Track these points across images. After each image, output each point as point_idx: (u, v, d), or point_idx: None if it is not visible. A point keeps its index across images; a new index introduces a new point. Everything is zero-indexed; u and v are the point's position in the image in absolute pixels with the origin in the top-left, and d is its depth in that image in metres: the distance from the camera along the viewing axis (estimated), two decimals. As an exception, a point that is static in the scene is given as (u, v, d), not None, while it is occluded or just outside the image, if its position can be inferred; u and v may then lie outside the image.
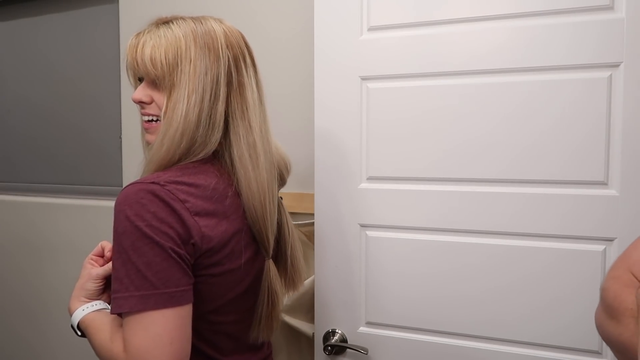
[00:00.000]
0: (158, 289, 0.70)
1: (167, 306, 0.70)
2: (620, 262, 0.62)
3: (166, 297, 0.70)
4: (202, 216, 0.76)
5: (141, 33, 0.83)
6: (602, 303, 0.61)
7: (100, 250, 0.91)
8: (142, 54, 0.80)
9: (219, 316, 0.84)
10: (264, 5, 1.41)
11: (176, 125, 0.78)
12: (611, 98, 0.96)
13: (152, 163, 0.80)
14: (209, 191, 0.78)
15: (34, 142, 1.94)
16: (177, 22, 0.82)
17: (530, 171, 1.02)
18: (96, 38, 1.78)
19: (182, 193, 0.75)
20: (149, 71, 0.80)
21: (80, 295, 0.85)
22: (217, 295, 0.82)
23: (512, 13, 1.02)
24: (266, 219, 0.85)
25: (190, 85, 0.78)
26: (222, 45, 0.82)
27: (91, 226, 1.75)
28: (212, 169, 0.82)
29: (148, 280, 0.70)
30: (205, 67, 0.80)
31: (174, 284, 0.71)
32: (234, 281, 0.83)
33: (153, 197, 0.72)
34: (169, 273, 0.71)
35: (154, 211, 0.71)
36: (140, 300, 0.69)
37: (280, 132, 1.36)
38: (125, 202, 0.72)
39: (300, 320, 1.31)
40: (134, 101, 0.84)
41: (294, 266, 0.97)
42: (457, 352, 1.10)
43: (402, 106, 1.11)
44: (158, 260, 0.70)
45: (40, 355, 1.89)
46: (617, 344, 0.57)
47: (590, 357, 1.01)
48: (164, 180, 0.74)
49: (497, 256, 1.05)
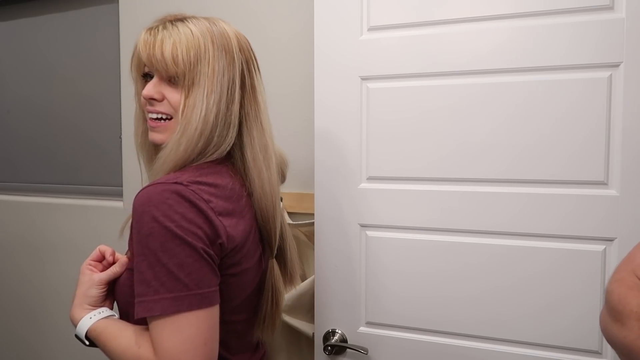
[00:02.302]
0: (192, 290, 0.69)
1: (200, 307, 0.69)
2: (624, 265, 0.62)
3: (200, 298, 0.70)
4: (224, 216, 0.76)
5: (155, 29, 0.80)
6: (607, 306, 0.61)
7: (98, 254, 0.88)
8: (163, 50, 0.78)
9: (232, 316, 0.84)
10: (264, 5, 1.41)
11: (195, 124, 0.77)
12: (611, 98, 0.96)
13: (168, 163, 0.79)
14: (227, 191, 0.79)
15: (34, 142, 1.94)
16: (192, 20, 0.81)
17: (530, 171, 1.02)
18: (96, 38, 1.78)
19: (205, 193, 0.74)
20: (169, 68, 0.78)
21: (83, 302, 0.82)
22: (234, 295, 0.82)
23: (512, 13, 1.02)
24: (276, 219, 0.86)
25: (209, 86, 0.78)
26: (236, 48, 0.83)
27: (91, 226, 1.75)
28: (225, 170, 0.82)
29: (181, 282, 0.69)
30: (223, 68, 0.80)
31: (206, 284, 0.71)
32: (248, 281, 0.84)
33: (179, 197, 0.71)
34: (202, 273, 0.70)
35: (182, 212, 0.70)
36: (173, 302, 0.68)
37: (281, 132, 1.36)
38: (149, 203, 0.70)
39: (300, 320, 1.31)
40: (144, 97, 0.81)
41: (292, 262, 0.99)
42: (457, 352, 1.10)
43: (402, 106, 1.11)
44: (190, 261, 0.69)
45: (40, 355, 1.89)
46: (621, 346, 0.57)
47: (590, 357, 1.01)
48: (186, 181, 0.73)
49: (497, 256, 1.05)
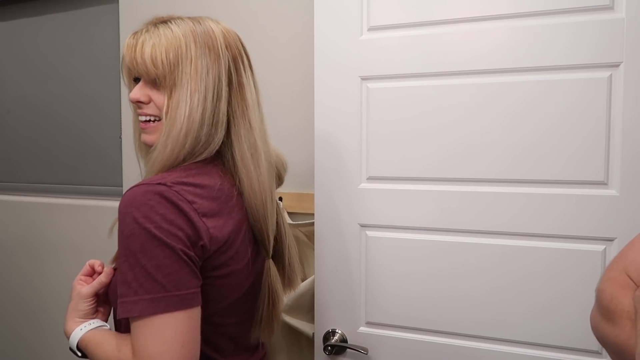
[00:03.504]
0: (169, 291, 0.69)
1: (178, 309, 0.69)
2: (615, 264, 0.62)
3: (177, 300, 0.69)
4: (209, 217, 0.75)
5: (139, 32, 0.81)
6: (598, 304, 0.61)
7: (88, 269, 0.89)
8: (142, 53, 0.78)
9: (222, 318, 0.84)
10: (264, 6, 1.41)
11: (180, 125, 0.77)
12: (611, 98, 0.96)
13: (156, 164, 0.79)
14: (214, 192, 0.78)
15: (34, 142, 1.94)
16: (176, 21, 0.81)
17: (530, 171, 1.02)
18: (96, 38, 1.78)
19: (189, 194, 0.74)
20: (149, 70, 0.79)
21: (74, 316, 0.84)
22: (222, 297, 0.81)
23: (512, 13, 1.02)
24: (267, 218, 0.85)
25: (193, 85, 0.78)
26: (222, 45, 0.82)
27: (91, 226, 1.75)
28: (215, 170, 0.81)
29: (159, 283, 0.69)
30: (207, 67, 0.79)
31: (184, 286, 0.70)
32: (238, 283, 0.83)
33: (161, 198, 0.71)
34: (180, 275, 0.70)
35: (163, 213, 0.70)
36: (151, 303, 0.68)
37: (281, 132, 1.36)
38: (131, 204, 0.71)
39: (300, 320, 1.30)
40: (131, 101, 0.83)
41: (291, 265, 0.97)
42: (457, 352, 1.10)
43: (402, 106, 1.11)
44: (169, 263, 0.69)
45: (40, 355, 1.89)
46: (613, 345, 0.57)
47: (590, 357, 1.01)
48: (170, 181, 0.73)
49: (497, 256, 1.05)
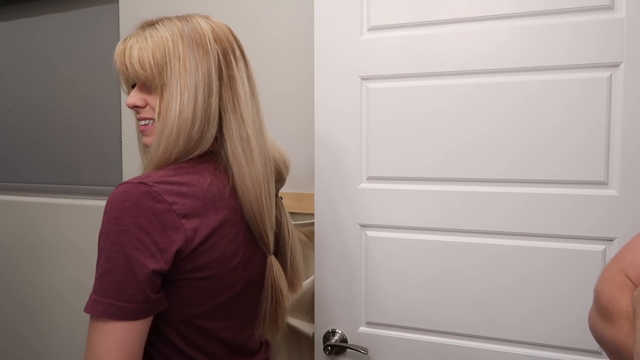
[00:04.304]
0: (109, 298, 0.69)
1: (112, 318, 0.69)
2: (613, 264, 0.62)
3: (115, 309, 0.69)
4: (190, 218, 0.74)
5: (128, 38, 0.81)
6: (596, 305, 0.61)
7: None
8: (130, 58, 0.78)
9: (207, 322, 0.82)
10: (264, 6, 1.41)
11: (171, 124, 0.76)
12: (611, 98, 0.96)
13: (150, 165, 0.79)
14: (202, 190, 0.76)
15: (34, 142, 1.94)
16: (163, 22, 0.81)
17: (530, 171, 1.02)
18: (96, 38, 1.78)
19: (170, 194, 0.72)
20: (139, 74, 0.78)
21: None
22: (203, 300, 0.79)
23: (512, 13, 1.02)
24: (263, 214, 0.83)
25: (182, 83, 0.77)
26: (210, 39, 0.81)
27: (91, 226, 1.74)
28: (207, 167, 0.80)
29: (104, 287, 0.69)
30: (195, 63, 0.78)
31: (125, 298, 0.69)
32: (223, 286, 0.81)
33: (137, 199, 0.70)
34: (125, 286, 0.69)
35: (134, 216, 0.69)
36: (93, 304, 0.69)
37: (280, 132, 1.36)
38: (110, 203, 0.71)
39: (300, 320, 1.31)
40: (128, 106, 0.82)
41: (293, 268, 0.95)
42: (457, 352, 1.10)
43: (402, 106, 1.11)
44: (120, 271, 0.69)
45: (40, 355, 1.89)
46: (611, 345, 0.57)
47: (590, 357, 1.01)
48: (152, 181, 0.72)
49: (498, 256, 1.05)
